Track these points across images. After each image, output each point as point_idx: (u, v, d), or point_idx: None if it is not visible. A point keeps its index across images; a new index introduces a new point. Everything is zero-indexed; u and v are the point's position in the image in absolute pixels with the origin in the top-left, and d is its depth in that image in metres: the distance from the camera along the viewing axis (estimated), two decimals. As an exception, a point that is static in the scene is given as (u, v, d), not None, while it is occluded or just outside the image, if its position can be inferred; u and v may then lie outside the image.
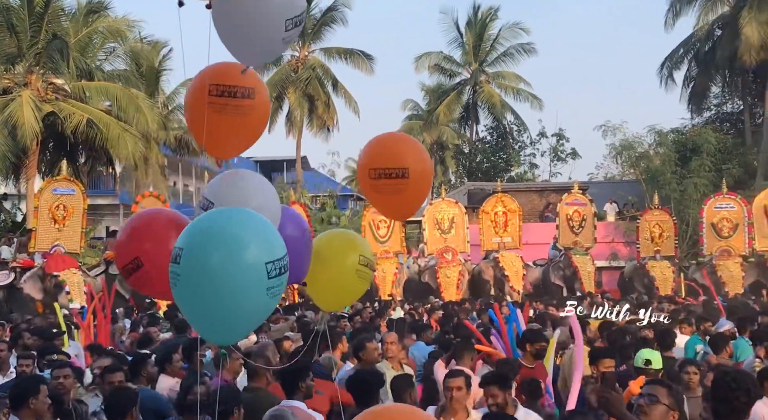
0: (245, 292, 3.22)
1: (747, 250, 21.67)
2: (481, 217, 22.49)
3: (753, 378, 4.70)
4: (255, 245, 3.28)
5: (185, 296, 3.25)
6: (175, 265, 3.22)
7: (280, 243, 3.38)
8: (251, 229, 3.33)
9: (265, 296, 3.27)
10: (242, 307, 3.27)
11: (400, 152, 4.40)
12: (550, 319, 10.52)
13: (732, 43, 29.23)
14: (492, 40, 40.99)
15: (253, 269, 3.22)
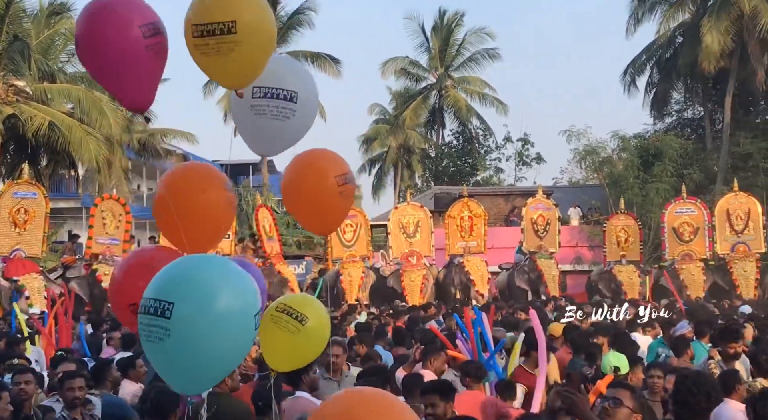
0: (238, 343, 3.21)
1: (708, 254, 22.05)
2: (446, 222, 22.59)
3: (713, 381, 4.77)
4: (245, 296, 3.25)
5: (174, 351, 3.09)
6: (160, 319, 3.06)
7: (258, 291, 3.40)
8: (237, 279, 3.27)
9: (249, 345, 3.27)
10: (231, 359, 3.26)
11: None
12: (517, 322, 10.60)
13: (693, 51, 29.71)
14: (458, 46, 41.25)
15: (247, 320, 3.20)
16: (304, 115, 4.16)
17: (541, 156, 40.06)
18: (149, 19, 3.56)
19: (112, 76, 3.56)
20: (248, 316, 3.20)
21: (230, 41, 3.43)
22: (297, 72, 4.29)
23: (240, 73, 3.64)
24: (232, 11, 3.43)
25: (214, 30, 3.39)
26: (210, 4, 3.48)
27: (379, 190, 44.81)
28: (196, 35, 3.42)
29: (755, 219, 22.02)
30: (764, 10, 28.39)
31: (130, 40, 3.46)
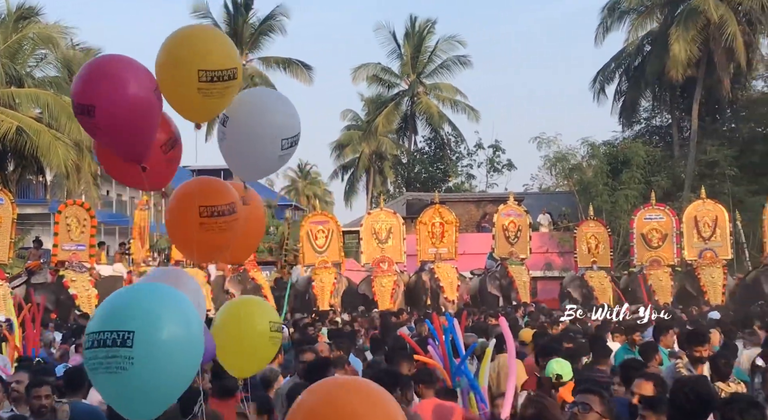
0: (193, 363, 3.27)
1: (675, 260, 22.33)
2: (418, 228, 22.66)
3: (710, 386, 4.78)
4: (196, 319, 3.31)
5: (138, 379, 3.10)
6: (122, 349, 3.07)
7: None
8: (180, 302, 3.32)
9: (198, 364, 3.35)
10: (187, 379, 3.32)
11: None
12: (487, 328, 10.67)
13: (660, 59, 30.11)
14: (429, 53, 41.44)
15: (199, 344, 3.26)
16: (236, 135, 4.14)
17: (512, 163, 40.35)
18: None
19: None
20: (199, 338, 3.28)
21: (233, 86, 3.89)
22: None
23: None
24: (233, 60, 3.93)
25: (223, 76, 3.79)
26: (219, 53, 3.90)
27: (351, 196, 44.85)
28: (204, 80, 3.76)
29: (722, 226, 22.34)
30: (730, 19, 28.87)
31: None
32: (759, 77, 33.20)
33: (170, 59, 3.81)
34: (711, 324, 11.54)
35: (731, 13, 29.18)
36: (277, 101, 4.24)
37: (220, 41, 3.98)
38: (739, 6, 29.82)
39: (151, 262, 21.25)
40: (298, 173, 59.68)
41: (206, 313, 12.16)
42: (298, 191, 58.07)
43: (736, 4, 29.68)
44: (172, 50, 3.84)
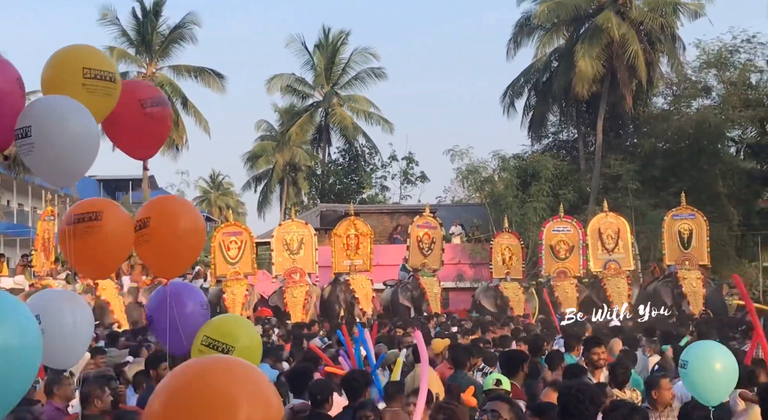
0: (28, 373, 3.13)
1: (581, 272, 22.98)
2: (333, 240, 22.60)
3: (596, 388, 4.93)
4: (32, 329, 3.15)
5: None
6: None
7: None
8: (18, 312, 3.15)
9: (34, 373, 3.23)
10: (22, 388, 3.16)
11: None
12: (397, 340, 10.70)
13: (567, 75, 30.98)
14: (343, 64, 41.56)
15: (33, 355, 3.12)
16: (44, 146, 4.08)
17: (425, 175, 40.79)
18: None
19: None
20: (35, 347, 3.11)
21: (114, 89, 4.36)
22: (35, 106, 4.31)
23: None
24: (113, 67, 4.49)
25: (105, 76, 4.28)
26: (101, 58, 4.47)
27: (264, 207, 44.41)
28: (89, 76, 4.21)
29: (624, 238, 23.13)
30: (632, 38, 29.99)
31: None
32: (659, 94, 34.57)
33: (57, 59, 4.28)
34: (613, 332, 11.90)
35: (633, 32, 30.31)
36: (74, 109, 4.23)
37: (100, 52, 4.62)
38: (641, 25, 31.03)
39: (57, 276, 20.44)
40: (210, 184, 58.75)
41: (114, 326, 11.69)
42: (210, 202, 57.11)
43: (638, 24, 30.88)
44: (59, 54, 4.32)
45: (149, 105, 4.63)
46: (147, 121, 4.59)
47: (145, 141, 4.75)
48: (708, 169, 30.14)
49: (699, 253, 22.63)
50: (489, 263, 24.01)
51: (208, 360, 2.66)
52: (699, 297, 21.28)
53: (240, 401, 2.36)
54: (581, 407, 4.16)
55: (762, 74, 32.88)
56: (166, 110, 4.81)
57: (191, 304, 4.52)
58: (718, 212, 28.56)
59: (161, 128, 4.78)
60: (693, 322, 15.88)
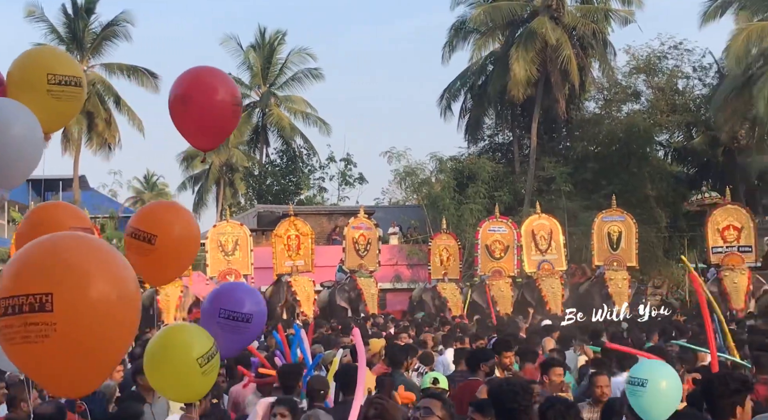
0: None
1: (515, 271, 23.38)
2: (273, 241, 22.49)
3: (524, 383, 5.03)
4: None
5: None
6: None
7: None
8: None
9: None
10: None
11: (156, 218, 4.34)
12: (333, 341, 10.72)
13: (502, 79, 31.42)
14: (280, 64, 41.33)
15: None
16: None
17: (363, 176, 40.85)
18: None
19: None
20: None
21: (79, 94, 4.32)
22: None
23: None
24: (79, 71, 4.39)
25: (70, 81, 4.23)
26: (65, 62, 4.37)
27: (200, 209, 43.79)
28: (53, 82, 4.18)
29: (557, 239, 23.62)
30: (565, 43, 30.62)
31: None
32: (591, 98, 35.37)
33: (21, 66, 4.24)
34: (547, 330, 12.16)
35: (566, 37, 30.94)
36: (19, 112, 4.09)
37: (66, 56, 4.57)
38: (574, 31, 31.71)
39: None
40: (144, 184, 57.69)
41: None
42: (143, 202, 55.98)
43: (571, 29, 31.55)
44: (22, 60, 4.28)
45: (237, 103, 4.68)
46: (231, 116, 4.61)
47: (220, 134, 4.78)
48: (637, 172, 30.97)
49: (627, 254, 23.27)
50: (427, 264, 24.22)
51: (61, 236, 2.56)
52: (624, 297, 21.89)
53: (93, 275, 2.31)
54: (517, 398, 4.25)
55: (688, 80, 34.03)
56: (240, 110, 4.88)
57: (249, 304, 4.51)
58: (647, 214, 29.38)
59: (233, 126, 4.82)
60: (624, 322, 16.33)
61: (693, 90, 33.96)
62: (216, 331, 4.02)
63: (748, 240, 22.83)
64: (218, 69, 4.74)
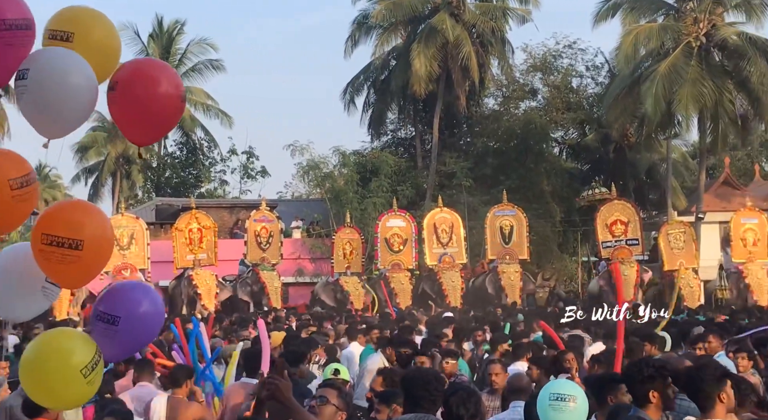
0: None
1: (414, 264, 23.76)
2: (174, 234, 22.07)
3: (438, 374, 5.15)
4: None
5: None
6: None
7: None
8: None
9: None
10: None
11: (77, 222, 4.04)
12: (237, 335, 10.68)
13: (404, 74, 31.70)
14: (180, 55, 40.41)
15: None
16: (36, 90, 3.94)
17: (266, 169, 40.49)
18: None
19: None
20: None
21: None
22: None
23: None
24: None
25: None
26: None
27: (95, 201, 42.32)
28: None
29: (458, 233, 24.16)
30: (465, 40, 31.16)
31: None
32: (490, 95, 36.16)
33: None
34: (447, 321, 12.47)
35: (466, 34, 31.46)
36: (78, 63, 4.02)
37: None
38: (473, 28, 32.32)
39: None
40: (36, 176, 55.28)
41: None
42: (35, 196, 53.75)
43: (471, 26, 32.13)
44: None
45: (183, 99, 4.31)
46: (176, 111, 4.31)
47: (160, 130, 4.46)
48: (534, 167, 31.91)
49: (519, 247, 24.05)
50: (330, 258, 24.28)
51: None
52: (516, 289, 22.65)
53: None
54: (429, 387, 4.37)
55: (582, 79, 35.28)
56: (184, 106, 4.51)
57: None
58: (543, 209, 30.37)
59: (175, 122, 4.50)
60: (518, 313, 16.86)
61: (586, 88, 35.23)
62: (97, 336, 3.84)
63: (634, 233, 23.98)
64: (164, 62, 4.55)
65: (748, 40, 26.53)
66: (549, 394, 4.25)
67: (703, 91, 25.75)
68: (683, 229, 24.00)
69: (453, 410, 4.29)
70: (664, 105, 25.84)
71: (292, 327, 13.14)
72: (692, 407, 4.83)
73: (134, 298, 3.82)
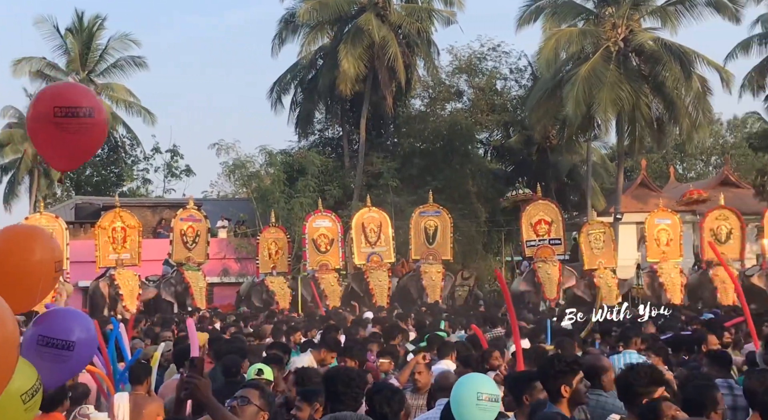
0: None
1: (341, 264, 23.81)
2: (97, 233, 21.60)
3: (358, 370, 5.17)
4: None
5: None
6: None
7: None
8: None
9: None
10: None
11: None
12: (155, 335, 10.55)
13: (332, 74, 31.64)
14: (100, 50, 39.39)
15: None
16: None
17: (190, 168, 39.97)
18: None
19: None
20: None
21: None
22: None
23: None
24: None
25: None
26: None
27: (11, 200, 40.87)
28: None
29: (386, 232, 24.32)
30: (392, 40, 31.28)
31: None
32: (417, 96, 36.45)
33: None
34: (366, 322, 12.56)
35: (393, 35, 31.59)
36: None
37: None
38: (399, 29, 32.50)
39: None
40: (-53, 174, 53.13)
41: None
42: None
43: (397, 27, 32.30)
44: None
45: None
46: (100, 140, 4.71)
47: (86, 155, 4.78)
48: (460, 168, 32.35)
49: (443, 248, 24.37)
50: (255, 258, 24.11)
51: None
52: (437, 289, 22.96)
53: None
54: (351, 384, 4.41)
55: (506, 81, 35.94)
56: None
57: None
58: (468, 209, 30.82)
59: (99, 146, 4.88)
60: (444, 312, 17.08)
61: (510, 91, 35.89)
62: (36, 360, 3.76)
63: (557, 233, 24.59)
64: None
65: (664, 45, 27.47)
66: (476, 394, 4.13)
67: (621, 94, 26.53)
68: (602, 230, 24.70)
69: (377, 408, 4.35)
70: (585, 108, 26.50)
71: (216, 328, 13.02)
72: (610, 402, 5.01)
73: (83, 324, 3.78)
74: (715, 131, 42.03)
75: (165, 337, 9.83)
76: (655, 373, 4.56)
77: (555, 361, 4.65)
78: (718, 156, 43.73)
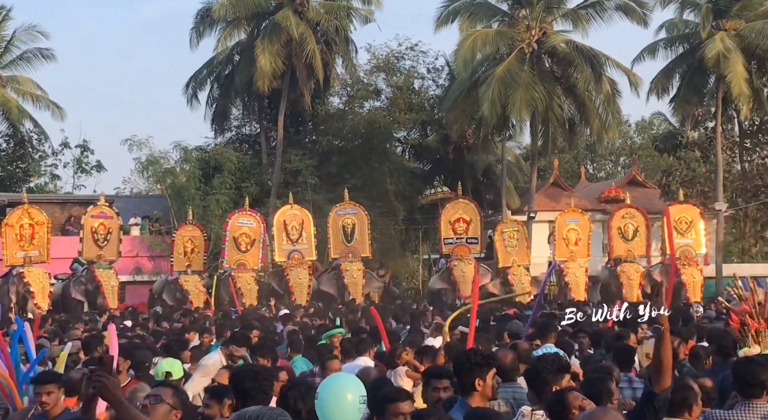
0: None
1: (259, 265, 23.59)
2: (4, 230, 20.87)
3: (268, 367, 5.15)
4: None
5: None
6: None
7: None
8: None
9: None
10: None
11: None
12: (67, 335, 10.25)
13: (249, 70, 31.23)
14: (6, 42, 37.84)
15: None
16: None
17: (101, 164, 38.84)
18: None
19: None
20: None
21: None
22: None
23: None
24: None
25: None
26: None
27: None
28: None
29: (308, 230, 24.25)
30: (310, 37, 31.10)
31: None
32: (335, 94, 36.42)
33: None
34: (284, 320, 12.51)
35: (311, 31, 31.39)
36: None
37: None
38: (318, 26, 32.38)
39: None
40: None
41: None
42: None
43: (315, 24, 32.15)
44: None
45: None
46: None
47: None
48: (378, 167, 32.52)
49: (361, 246, 24.46)
50: (170, 256, 23.68)
51: None
52: (359, 287, 23.04)
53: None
54: (258, 378, 4.38)
55: (424, 81, 36.32)
56: None
57: None
58: (386, 207, 31.02)
59: None
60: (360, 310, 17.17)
61: (428, 90, 36.28)
62: None
63: (475, 232, 25.03)
64: None
65: (575, 48, 28.27)
66: (359, 397, 4.06)
67: (534, 95, 27.17)
68: (516, 228, 25.26)
69: (291, 404, 4.34)
70: (500, 108, 27.01)
71: (127, 327, 12.73)
72: (518, 393, 5.15)
73: None
74: (624, 132, 43.46)
75: (74, 336, 9.56)
76: (561, 360, 4.75)
77: (471, 354, 4.73)
78: (626, 156, 45.25)
